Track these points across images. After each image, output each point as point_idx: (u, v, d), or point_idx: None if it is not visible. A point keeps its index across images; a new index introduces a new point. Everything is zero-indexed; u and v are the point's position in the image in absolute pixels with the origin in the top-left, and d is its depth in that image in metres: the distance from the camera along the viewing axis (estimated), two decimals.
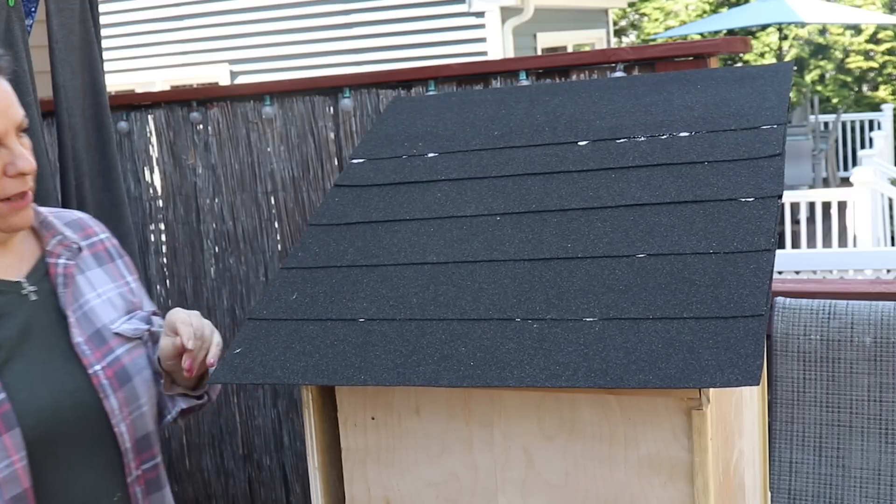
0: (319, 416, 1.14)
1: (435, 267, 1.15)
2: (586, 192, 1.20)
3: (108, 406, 1.39)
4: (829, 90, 15.74)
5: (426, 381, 0.99)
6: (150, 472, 1.47)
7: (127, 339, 1.47)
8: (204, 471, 3.07)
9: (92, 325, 1.44)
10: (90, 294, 1.47)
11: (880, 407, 1.81)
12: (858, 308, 1.81)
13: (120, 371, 1.43)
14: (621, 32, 17.78)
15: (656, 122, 1.29)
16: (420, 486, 1.10)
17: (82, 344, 1.41)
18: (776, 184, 1.12)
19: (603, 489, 1.01)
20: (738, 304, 0.97)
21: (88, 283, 1.48)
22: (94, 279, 1.50)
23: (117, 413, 1.40)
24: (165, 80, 9.18)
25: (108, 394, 1.40)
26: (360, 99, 2.64)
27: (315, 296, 1.17)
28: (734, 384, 0.88)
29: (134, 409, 1.43)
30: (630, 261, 1.07)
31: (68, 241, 1.48)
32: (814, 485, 1.88)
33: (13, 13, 2.16)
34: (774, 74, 1.36)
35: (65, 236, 1.48)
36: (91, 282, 1.49)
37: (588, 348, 0.97)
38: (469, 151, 1.35)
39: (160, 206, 2.96)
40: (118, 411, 1.40)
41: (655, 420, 0.97)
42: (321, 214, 1.33)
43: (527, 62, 2.47)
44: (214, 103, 2.82)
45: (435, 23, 8.30)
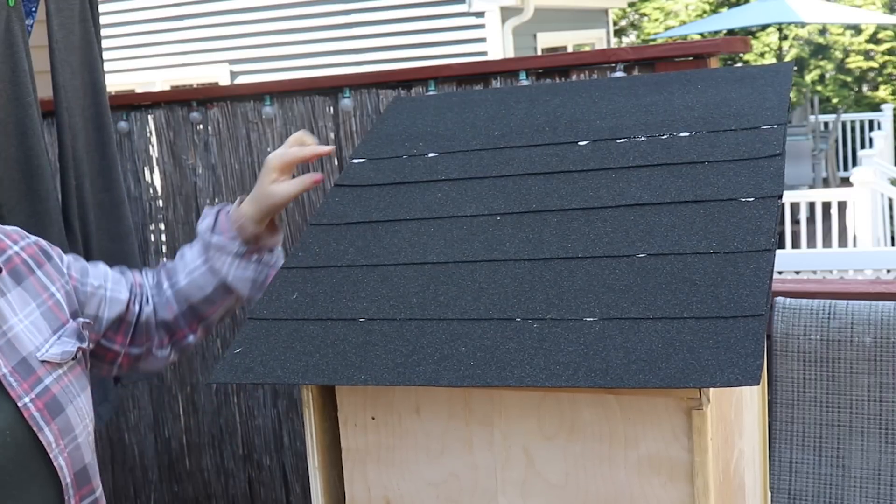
0: (319, 416, 1.14)
1: (435, 267, 1.15)
2: (586, 192, 1.20)
3: (43, 439, 1.28)
4: (829, 90, 15.74)
5: (426, 380, 0.99)
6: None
7: (56, 365, 1.36)
8: (204, 471, 3.08)
9: (17, 354, 1.32)
10: (12, 320, 1.35)
11: (880, 407, 1.81)
12: (858, 308, 1.81)
13: (51, 402, 1.32)
14: (621, 32, 17.78)
15: (656, 122, 1.29)
16: (420, 486, 1.10)
17: (8, 376, 1.29)
18: (776, 184, 1.12)
19: (603, 489, 1.01)
20: (739, 304, 0.97)
21: (9, 306, 1.35)
22: (14, 301, 1.37)
23: (54, 446, 1.30)
24: (165, 80, 9.18)
25: (41, 426, 1.29)
26: (360, 99, 2.64)
27: (315, 295, 1.17)
28: (734, 384, 0.88)
29: (70, 441, 1.33)
30: (630, 261, 1.07)
31: None
32: (814, 485, 1.88)
33: (13, 13, 2.16)
34: (774, 74, 1.36)
35: None
36: (12, 305, 1.36)
37: (588, 348, 0.97)
38: (469, 151, 1.35)
39: (160, 206, 2.96)
40: (55, 444, 1.30)
41: (655, 420, 0.97)
42: (321, 214, 1.33)
43: (527, 62, 2.47)
44: (214, 103, 2.82)
45: (435, 23, 8.30)
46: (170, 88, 8.43)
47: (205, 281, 1.52)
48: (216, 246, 1.50)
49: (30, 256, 1.43)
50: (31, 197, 2.18)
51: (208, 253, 1.51)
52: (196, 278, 1.52)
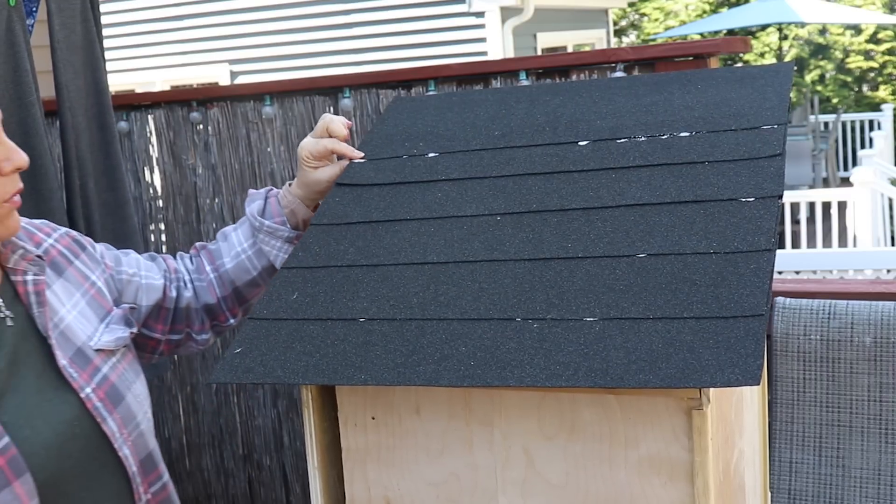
0: (319, 416, 1.14)
1: (435, 267, 1.15)
2: (586, 192, 1.20)
3: (107, 429, 1.29)
4: (829, 90, 15.74)
5: (426, 380, 0.99)
6: (159, 493, 1.38)
7: (111, 353, 1.36)
8: (204, 471, 3.08)
9: (72, 345, 1.32)
10: (62, 311, 1.34)
11: (880, 407, 1.81)
12: (858, 308, 1.81)
13: (111, 390, 1.32)
14: (621, 32, 17.78)
15: (657, 122, 1.29)
16: (420, 486, 1.11)
17: (68, 367, 1.29)
18: (776, 184, 1.12)
19: (603, 489, 1.01)
20: (739, 304, 0.97)
21: (56, 298, 1.35)
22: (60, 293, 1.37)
23: (118, 436, 1.30)
24: (165, 80, 9.18)
25: (104, 416, 1.29)
26: (360, 99, 2.64)
27: (315, 295, 1.17)
28: (734, 384, 0.88)
29: (132, 428, 1.33)
30: (630, 261, 1.07)
31: (31, 255, 1.33)
32: (814, 485, 1.88)
33: (14, 13, 2.16)
34: (774, 74, 1.36)
35: (26, 249, 1.33)
36: (59, 297, 1.36)
37: (588, 348, 0.97)
38: (469, 151, 1.35)
39: (160, 207, 2.96)
40: (118, 434, 1.30)
41: (655, 420, 0.97)
42: (321, 214, 1.33)
43: (527, 62, 2.47)
44: (214, 103, 2.82)
45: (435, 23, 8.30)
46: (170, 88, 8.44)
47: (252, 264, 1.52)
48: (268, 230, 1.50)
49: (65, 248, 1.43)
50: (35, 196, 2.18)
51: (258, 236, 1.51)
52: (243, 261, 1.52)
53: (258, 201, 1.52)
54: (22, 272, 1.32)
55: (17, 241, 1.33)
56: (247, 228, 1.53)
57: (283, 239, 1.50)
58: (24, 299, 1.31)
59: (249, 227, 1.53)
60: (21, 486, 1.18)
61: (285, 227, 1.50)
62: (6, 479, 1.17)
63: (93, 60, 2.43)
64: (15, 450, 1.19)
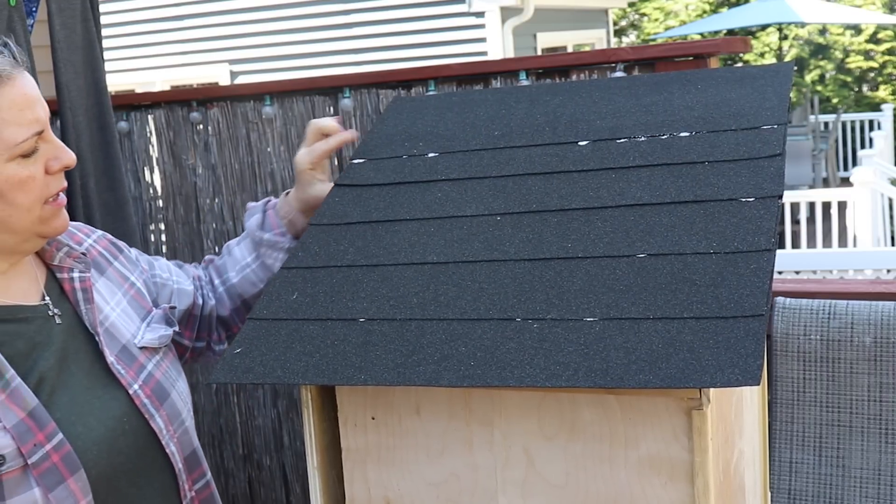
0: (319, 416, 1.14)
1: (435, 267, 1.15)
2: (586, 192, 1.20)
3: (154, 426, 1.30)
4: (829, 90, 15.74)
5: (426, 380, 0.99)
6: (203, 490, 1.39)
7: (154, 351, 1.38)
8: None
9: (117, 343, 1.34)
10: (106, 308, 1.36)
11: (880, 407, 1.81)
12: (858, 308, 1.81)
13: (156, 388, 1.34)
14: (621, 32, 17.78)
15: (656, 122, 1.29)
16: (420, 486, 1.10)
17: (115, 363, 1.31)
18: (776, 184, 1.12)
19: (603, 489, 1.01)
20: (739, 304, 0.97)
21: (101, 296, 1.37)
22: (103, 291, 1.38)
23: (165, 433, 1.32)
24: (165, 80, 9.18)
25: (152, 413, 1.31)
26: (360, 99, 2.64)
27: (315, 296, 1.17)
28: (734, 384, 0.88)
29: (178, 425, 1.35)
30: (630, 261, 1.07)
31: (76, 252, 1.36)
32: (814, 485, 1.88)
33: (14, 13, 2.16)
34: (774, 74, 1.36)
35: (71, 247, 1.36)
36: (102, 295, 1.37)
37: (588, 348, 0.97)
38: (469, 151, 1.35)
39: (160, 206, 2.96)
40: (165, 430, 1.32)
41: (655, 420, 0.97)
42: (321, 214, 1.33)
43: (527, 62, 2.47)
44: (214, 103, 2.82)
45: (435, 23, 8.30)
46: (170, 88, 8.43)
47: (257, 277, 1.53)
48: (268, 243, 1.51)
49: (104, 249, 1.45)
50: None
51: (259, 249, 1.53)
52: (248, 275, 1.54)
53: (257, 215, 1.54)
54: (68, 269, 1.34)
55: (61, 239, 1.35)
56: (249, 243, 1.54)
57: (284, 250, 1.51)
58: (71, 296, 1.33)
59: (251, 242, 1.54)
60: (75, 482, 1.19)
61: (285, 238, 1.51)
62: (61, 475, 1.19)
63: (93, 60, 2.43)
64: (69, 446, 1.20)
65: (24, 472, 1.17)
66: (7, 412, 1.17)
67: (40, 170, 1.24)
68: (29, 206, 1.23)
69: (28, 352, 1.25)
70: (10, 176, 1.21)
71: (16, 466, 1.16)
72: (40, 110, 1.24)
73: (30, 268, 1.32)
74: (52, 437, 1.19)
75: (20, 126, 1.21)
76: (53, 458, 1.18)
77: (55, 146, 1.27)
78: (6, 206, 1.22)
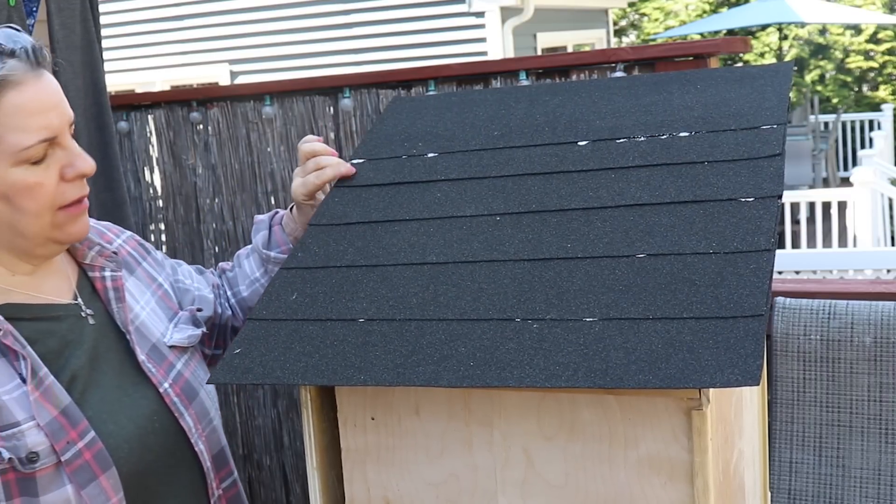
0: (318, 417, 1.14)
1: (435, 267, 1.15)
2: (586, 192, 1.20)
3: (184, 424, 1.32)
4: (829, 90, 15.74)
5: (426, 381, 0.99)
6: (230, 489, 1.40)
7: (183, 350, 1.39)
8: None
9: (147, 341, 1.35)
10: (136, 307, 1.37)
11: (880, 407, 1.81)
12: (858, 308, 1.81)
13: (185, 386, 1.35)
14: (621, 32, 17.78)
15: (656, 122, 1.29)
16: (420, 486, 1.10)
17: (146, 361, 1.32)
18: (776, 184, 1.12)
19: (603, 489, 1.01)
20: (738, 304, 0.97)
21: (131, 295, 1.38)
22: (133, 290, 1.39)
23: (194, 431, 1.33)
24: (165, 80, 9.18)
25: (182, 412, 1.32)
26: (360, 99, 2.64)
27: (315, 296, 1.17)
28: (734, 384, 0.88)
29: (206, 424, 1.36)
30: (630, 261, 1.07)
31: (107, 251, 1.37)
32: (814, 485, 1.88)
33: (14, 13, 2.16)
34: (774, 74, 1.36)
35: (102, 246, 1.36)
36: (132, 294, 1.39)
37: (588, 348, 0.96)
38: (469, 151, 1.35)
39: (160, 206, 2.96)
40: (194, 429, 1.33)
41: (655, 420, 0.97)
42: (321, 214, 1.33)
43: (527, 62, 2.47)
44: (214, 103, 2.82)
45: (435, 23, 8.30)
46: (170, 88, 8.43)
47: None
48: (275, 260, 1.52)
49: (133, 249, 1.46)
50: None
51: (267, 265, 1.53)
52: (258, 289, 1.54)
53: (263, 231, 1.53)
54: (99, 268, 1.35)
55: (92, 237, 1.36)
56: (257, 258, 1.55)
57: None
58: (103, 295, 1.34)
59: (259, 258, 1.54)
60: (107, 479, 1.20)
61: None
62: (93, 473, 1.20)
63: (92, 60, 2.43)
64: (101, 444, 1.21)
65: (57, 470, 1.18)
66: (41, 410, 1.19)
67: (52, 176, 1.23)
68: (37, 212, 1.22)
69: (60, 350, 1.26)
70: (15, 181, 1.20)
71: (49, 464, 1.18)
72: (54, 117, 1.22)
73: (62, 266, 1.33)
74: (85, 435, 1.21)
75: (25, 132, 1.19)
76: (86, 456, 1.20)
77: (71, 153, 1.25)
78: (14, 211, 1.22)
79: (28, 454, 1.17)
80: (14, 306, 1.25)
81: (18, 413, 1.18)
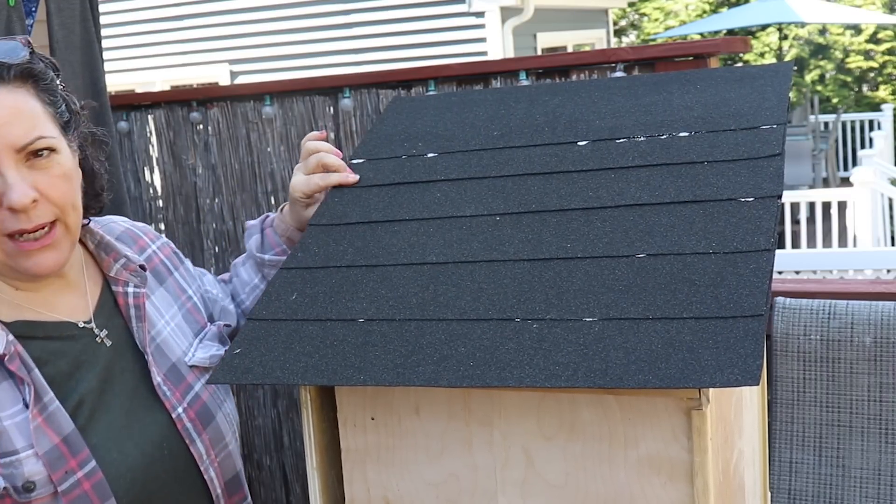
0: (318, 417, 1.14)
1: (435, 267, 1.15)
2: (586, 192, 1.20)
3: (195, 451, 1.28)
4: (829, 90, 15.75)
5: (426, 381, 0.99)
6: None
7: (204, 370, 1.34)
8: None
9: (167, 360, 1.30)
10: (160, 323, 1.32)
11: (880, 407, 1.81)
12: (858, 308, 1.81)
13: (202, 410, 1.31)
14: (621, 32, 17.79)
15: (656, 122, 1.29)
16: (420, 486, 1.10)
17: (162, 384, 1.27)
18: (776, 184, 1.12)
19: (603, 489, 1.01)
20: (738, 304, 0.97)
21: (156, 309, 1.33)
22: (159, 303, 1.34)
23: (205, 458, 1.29)
24: (165, 80, 9.19)
25: (193, 438, 1.28)
26: (360, 99, 2.64)
27: (315, 296, 1.17)
28: (734, 384, 0.88)
29: (220, 449, 1.32)
30: (630, 261, 1.07)
31: (133, 265, 1.31)
32: (814, 485, 1.88)
33: (13, 13, 2.16)
34: (774, 74, 1.36)
35: (128, 259, 1.31)
36: (158, 308, 1.34)
37: (588, 348, 0.96)
38: (469, 151, 1.35)
39: (160, 206, 2.96)
40: (206, 456, 1.29)
41: (655, 420, 0.97)
42: (321, 214, 1.32)
43: (527, 62, 2.47)
44: (214, 103, 2.82)
45: (435, 23, 8.30)
46: (170, 88, 8.43)
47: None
48: (270, 263, 1.49)
49: (166, 257, 1.41)
50: None
51: (263, 270, 1.50)
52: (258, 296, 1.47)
53: (255, 235, 1.50)
54: (123, 283, 1.30)
55: (120, 247, 1.31)
56: (252, 264, 1.52)
57: None
58: (124, 311, 1.29)
59: (254, 263, 1.52)
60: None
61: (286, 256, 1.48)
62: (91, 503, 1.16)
63: (91, 60, 2.43)
64: (101, 474, 1.18)
65: (53, 499, 1.16)
66: (42, 437, 1.16)
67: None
68: None
69: (71, 372, 1.22)
70: None
71: (46, 493, 1.15)
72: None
73: (79, 281, 1.28)
74: (85, 465, 1.17)
75: None
76: (84, 486, 1.17)
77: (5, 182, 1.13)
78: None
79: (25, 483, 1.14)
80: (26, 324, 1.22)
81: (18, 440, 1.15)
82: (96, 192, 1.35)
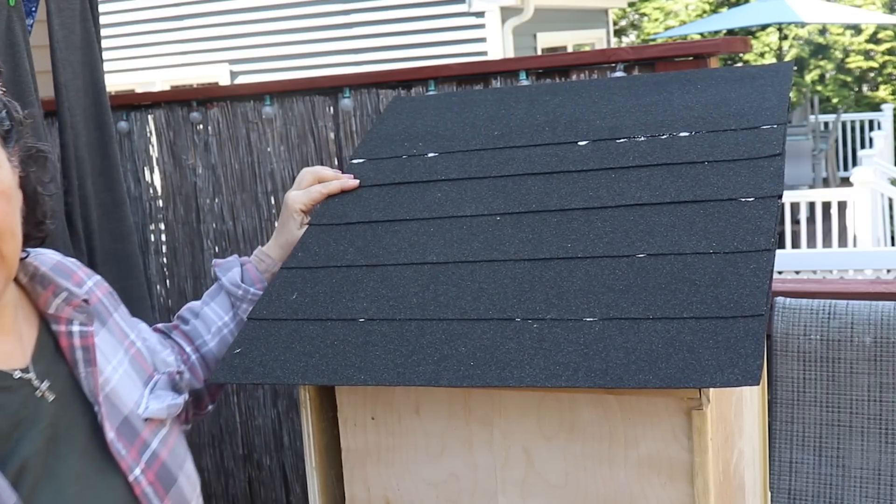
0: (317, 416, 1.14)
1: (435, 267, 1.15)
2: (586, 192, 1.20)
3: None
4: (829, 90, 15.74)
5: (426, 380, 0.99)
6: None
7: (160, 424, 1.14)
8: (204, 471, 3.07)
9: (118, 413, 1.10)
10: (108, 369, 1.12)
11: (880, 407, 1.81)
12: (858, 308, 1.81)
13: (161, 471, 1.11)
14: (621, 32, 17.78)
15: (656, 122, 1.29)
16: (420, 486, 1.10)
17: (115, 441, 1.07)
18: (776, 184, 1.12)
19: (603, 489, 1.01)
20: (738, 304, 0.97)
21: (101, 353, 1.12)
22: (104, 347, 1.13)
23: None
24: (165, 80, 9.18)
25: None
26: (360, 99, 2.64)
27: (315, 296, 1.17)
28: (734, 384, 0.88)
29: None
30: (630, 261, 1.07)
31: (76, 299, 1.09)
32: (814, 485, 1.88)
33: (14, 13, 2.16)
34: (774, 74, 1.36)
35: (70, 292, 1.09)
36: (103, 351, 1.13)
37: (588, 348, 0.96)
38: (469, 151, 1.35)
39: (160, 206, 2.96)
40: None
41: (655, 420, 0.97)
42: (321, 214, 1.33)
43: (527, 62, 2.47)
44: (214, 103, 2.82)
45: (435, 23, 8.30)
46: (170, 88, 8.43)
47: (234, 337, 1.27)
48: (252, 298, 1.34)
49: (104, 296, 1.22)
50: None
51: (240, 306, 1.35)
52: (226, 336, 1.36)
53: (235, 268, 1.37)
54: (66, 321, 1.09)
55: (59, 280, 1.10)
56: (223, 300, 1.37)
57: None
58: (68, 355, 1.08)
59: (227, 299, 1.37)
60: None
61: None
62: None
63: (91, 60, 2.43)
64: None
65: None
66: None
67: None
68: None
69: (10, 431, 0.99)
70: None
71: None
72: None
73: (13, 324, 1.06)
74: None
75: None
76: None
77: None
78: None
79: None
80: None
81: None
82: (38, 219, 1.10)
